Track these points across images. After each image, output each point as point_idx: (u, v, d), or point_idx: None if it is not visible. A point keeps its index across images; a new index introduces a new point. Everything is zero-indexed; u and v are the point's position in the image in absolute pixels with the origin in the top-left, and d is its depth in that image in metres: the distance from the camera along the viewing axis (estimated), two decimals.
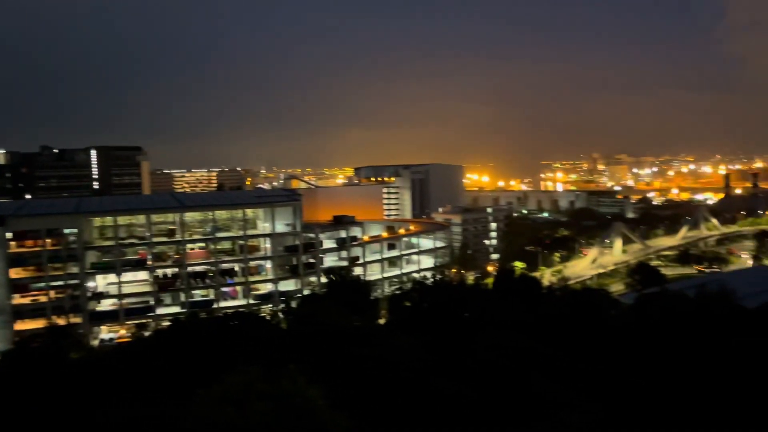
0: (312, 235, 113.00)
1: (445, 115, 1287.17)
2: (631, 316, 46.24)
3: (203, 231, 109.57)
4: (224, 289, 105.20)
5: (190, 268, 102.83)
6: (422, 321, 51.30)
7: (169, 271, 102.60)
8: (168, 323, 57.49)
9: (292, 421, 25.39)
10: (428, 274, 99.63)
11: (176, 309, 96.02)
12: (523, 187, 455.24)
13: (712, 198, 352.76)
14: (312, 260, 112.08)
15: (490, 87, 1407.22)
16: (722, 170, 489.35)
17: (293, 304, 65.88)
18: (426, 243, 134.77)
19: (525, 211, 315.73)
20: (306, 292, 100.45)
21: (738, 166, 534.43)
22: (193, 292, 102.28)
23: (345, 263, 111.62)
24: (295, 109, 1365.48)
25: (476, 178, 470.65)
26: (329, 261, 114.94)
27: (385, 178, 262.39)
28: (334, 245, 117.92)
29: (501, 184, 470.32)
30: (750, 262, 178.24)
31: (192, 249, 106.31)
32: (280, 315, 61.67)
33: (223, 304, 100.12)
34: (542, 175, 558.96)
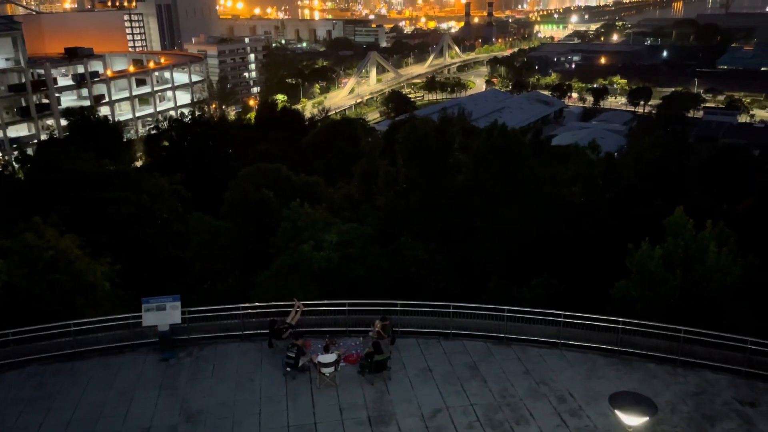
0: (41, 71, 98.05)
1: None
2: (382, 142, 49.95)
3: None
4: None
5: None
6: (182, 160, 49.50)
7: None
8: None
9: (44, 275, 23.77)
10: (186, 111, 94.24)
11: None
12: (281, 16, 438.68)
13: (454, 26, 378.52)
14: (46, 101, 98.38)
15: None
16: None
17: (29, 152, 58.29)
18: (181, 77, 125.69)
19: (283, 41, 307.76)
20: (44, 137, 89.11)
21: None
22: None
23: (88, 103, 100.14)
24: None
25: (230, 5, 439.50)
26: (68, 101, 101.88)
27: (125, 3, 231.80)
28: (71, 82, 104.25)
29: (257, 11, 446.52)
30: (484, 87, 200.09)
31: None
32: (15, 165, 54.36)
33: None
34: (299, 3, 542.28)
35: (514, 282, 27.88)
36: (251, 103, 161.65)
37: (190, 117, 63.38)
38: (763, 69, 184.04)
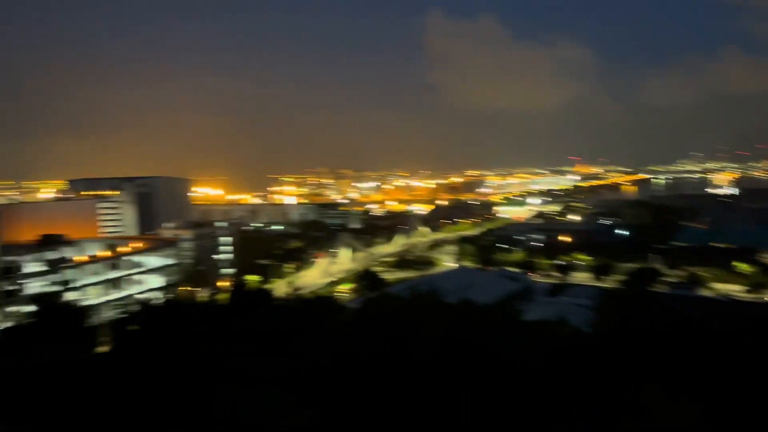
0: (11, 259, 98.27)
1: (170, 125, 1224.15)
2: (354, 318, 49.75)
3: None
4: None
5: None
6: (149, 343, 48.24)
7: None
8: None
9: None
10: (157, 293, 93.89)
11: None
12: (255, 201, 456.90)
13: (423, 209, 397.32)
14: (12, 287, 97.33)
15: (215, 100, 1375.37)
16: (431, 184, 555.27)
17: None
18: (153, 261, 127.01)
19: (257, 225, 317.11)
20: (7, 324, 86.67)
21: (442, 181, 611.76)
22: None
23: (57, 288, 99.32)
24: None
25: (207, 192, 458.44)
26: (39, 286, 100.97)
27: (105, 192, 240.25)
28: (43, 268, 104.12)
29: (232, 197, 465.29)
30: (453, 264, 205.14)
31: None
32: None
33: None
34: (272, 189, 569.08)
35: None
36: (223, 284, 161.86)
37: (160, 300, 63.12)
38: (713, 245, 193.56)
